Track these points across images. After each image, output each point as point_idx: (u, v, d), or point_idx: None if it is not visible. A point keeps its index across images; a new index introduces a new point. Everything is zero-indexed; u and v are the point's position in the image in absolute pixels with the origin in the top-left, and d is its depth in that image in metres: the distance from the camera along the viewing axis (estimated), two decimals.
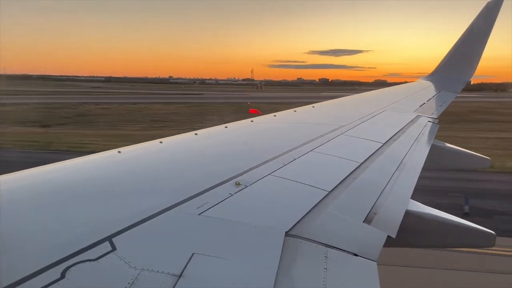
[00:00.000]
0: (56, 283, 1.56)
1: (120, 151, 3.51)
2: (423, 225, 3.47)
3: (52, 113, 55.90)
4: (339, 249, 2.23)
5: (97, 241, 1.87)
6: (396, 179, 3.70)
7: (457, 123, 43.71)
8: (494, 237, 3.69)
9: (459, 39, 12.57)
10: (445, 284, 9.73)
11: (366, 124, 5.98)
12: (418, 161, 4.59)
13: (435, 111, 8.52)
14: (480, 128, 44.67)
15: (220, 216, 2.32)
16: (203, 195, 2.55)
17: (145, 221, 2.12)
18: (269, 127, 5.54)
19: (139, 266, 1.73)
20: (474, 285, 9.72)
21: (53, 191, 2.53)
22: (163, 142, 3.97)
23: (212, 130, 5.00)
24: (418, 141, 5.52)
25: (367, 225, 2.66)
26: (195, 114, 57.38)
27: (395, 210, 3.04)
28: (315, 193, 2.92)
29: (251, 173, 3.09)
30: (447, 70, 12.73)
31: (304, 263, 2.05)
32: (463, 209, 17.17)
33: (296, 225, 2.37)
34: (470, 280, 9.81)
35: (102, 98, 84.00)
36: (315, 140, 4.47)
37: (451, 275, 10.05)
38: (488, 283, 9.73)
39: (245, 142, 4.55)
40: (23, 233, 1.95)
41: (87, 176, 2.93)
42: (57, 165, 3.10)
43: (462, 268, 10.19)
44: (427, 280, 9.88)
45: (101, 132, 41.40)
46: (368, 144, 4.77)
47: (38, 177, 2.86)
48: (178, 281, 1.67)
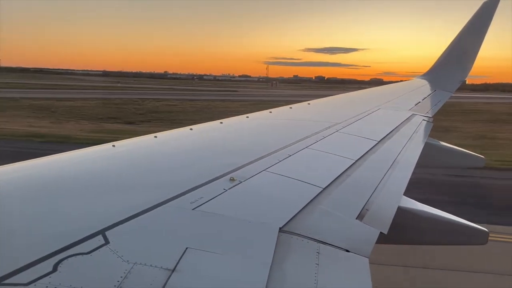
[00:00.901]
0: (48, 276, 1.55)
1: (114, 145, 3.50)
2: (416, 222, 3.49)
3: (121, 110, 51.70)
4: (331, 245, 2.24)
5: (90, 235, 1.86)
6: (389, 177, 3.72)
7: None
8: (487, 234, 3.71)
9: (455, 39, 12.62)
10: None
11: (361, 122, 6.00)
12: (411, 158, 4.62)
13: (430, 110, 8.56)
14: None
15: (214, 211, 2.31)
16: (197, 190, 2.55)
17: (138, 215, 2.12)
18: (265, 124, 5.54)
19: (132, 260, 1.73)
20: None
21: (46, 184, 2.52)
22: (158, 136, 3.97)
23: (208, 126, 4.99)
24: (412, 139, 5.54)
25: (360, 222, 2.67)
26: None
27: (388, 206, 3.06)
28: (309, 190, 2.93)
29: (246, 169, 3.09)
30: (442, 69, 12.79)
31: (296, 259, 2.06)
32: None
33: (290, 221, 2.37)
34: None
35: (139, 94, 77.06)
36: (310, 137, 4.48)
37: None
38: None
39: (240, 138, 4.55)
40: (15, 226, 1.94)
41: (81, 169, 2.91)
42: (51, 158, 3.08)
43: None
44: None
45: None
46: (362, 141, 4.79)
47: (31, 169, 2.84)
48: (171, 276, 1.67)
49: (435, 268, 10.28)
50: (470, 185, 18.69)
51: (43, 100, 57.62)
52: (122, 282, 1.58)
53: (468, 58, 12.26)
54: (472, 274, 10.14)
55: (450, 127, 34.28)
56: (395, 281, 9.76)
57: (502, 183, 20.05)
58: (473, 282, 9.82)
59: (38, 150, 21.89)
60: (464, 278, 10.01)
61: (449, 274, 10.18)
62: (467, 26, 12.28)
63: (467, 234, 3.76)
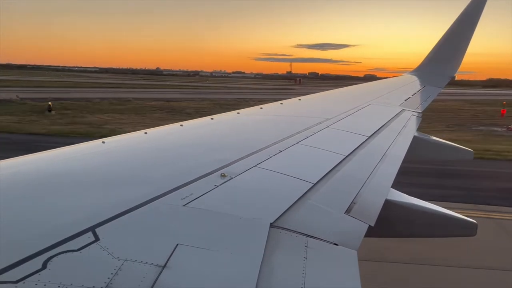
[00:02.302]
0: (38, 273, 1.54)
1: (104, 141, 3.47)
2: (405, 215, 3.53)
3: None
4: (319, 239, 2.27)
5: (80, 232, 1.85)
6: (378, 170, 3.76)
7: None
8: (475, 226, 3.76)
9: (444, 34, 12.69)
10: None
11: (352, 118, 6.03)
12: (399, 152, 4.68)
13: (420, 105, 8.63)
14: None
15: (205, 207, 2.31)
16: (188, 186, 2.54)
17: (129, 212, 2.11)
18: (255, 119, 5.54)
19: (123, 256, 1.72)
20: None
21: (35, 181, 2.49)
22: (148, 133, 3.94)
23: (198, 122, 4.97)
24: (401, 134, 5.59)
25: (349, 216, 2.70)
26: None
27: (375, 200, 3.10)
28: (300, 185, 2.94)
29: (237, 165, 3.09)
30: (432, 65, 12.87)
31: (286, 254, 2.07)
32: None
33: (281, 216, 2.38)
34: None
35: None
36: (301, 132, 4.49)
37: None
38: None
39: (231, 134, 4.55)
40: (3, 223, 1.92)
41: (71, 166, 2.89)
42: (40, 155, 3.05)
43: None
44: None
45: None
46: (353, 137, 4.81)
47: (21, 166, 2.81)
48: (162, 272, 1.66)
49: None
50: None
51: (159, 101, 57.04)
52: (112, 279, 1.58)
53: (457, 54, 12.35)
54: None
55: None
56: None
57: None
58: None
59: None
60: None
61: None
62: (456, 22, 12.37)
63: (456, 226, 3.81)
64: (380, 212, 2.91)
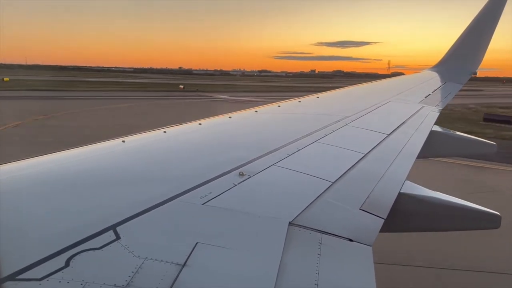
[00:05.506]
0: (61, 271, 1.57)
1: (124, 141, 3.51)
2: (423, 208, 3.46)
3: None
4: (335, 235, 2.27)
5: (101, 230, 1.87)
6: (392, 166, 3.73)
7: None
8: (499, 218, 3.66)
9: (465, 30, 12.42)
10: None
11: (371, 115, 5.95)
12: (414, 148, 4.61)
13: (440, 102, 8.46)
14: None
15: (223, 206, 2.32)
16: (206, 185, 2.55)
17: (149, 211, 2.13)
18: (273, 118, 5.52)
19: (143, 255, 1.74)
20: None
21: (58, 180, 2.54)
22: (167, 132, 3.97)
23: (216, 120, 4.98)
24: (420, 132, 5.50)
25: (365, 211, 2.68)
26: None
27: (388, 193, 3.08)
28: (318, 184, 2.92)
29: (255, 164, 3.09)
30: (452, 61, 12.61)
31: (304, 252, 2.06)
32: None
33: (299, 215, 2.37)
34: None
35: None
36: (319, 131, 4.45)
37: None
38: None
39: (249, 133, 4.54)
40: (28, 222, 1.96)
41: (92, 165, 2.93)
42: (62, 154, 3.10)
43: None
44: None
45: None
46: (372, 135, 4.75)
47: (43, 165, 2.86)
48: (182, 270, 1.67)
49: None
50: None
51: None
52: (133, 277, 1.59)
53: (478, 49, 12.08)
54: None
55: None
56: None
57: None
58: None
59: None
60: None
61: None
62: (477, 17, 12.09)
63: (478, 219, 3.72)
64: (398, 206, 2.87)
